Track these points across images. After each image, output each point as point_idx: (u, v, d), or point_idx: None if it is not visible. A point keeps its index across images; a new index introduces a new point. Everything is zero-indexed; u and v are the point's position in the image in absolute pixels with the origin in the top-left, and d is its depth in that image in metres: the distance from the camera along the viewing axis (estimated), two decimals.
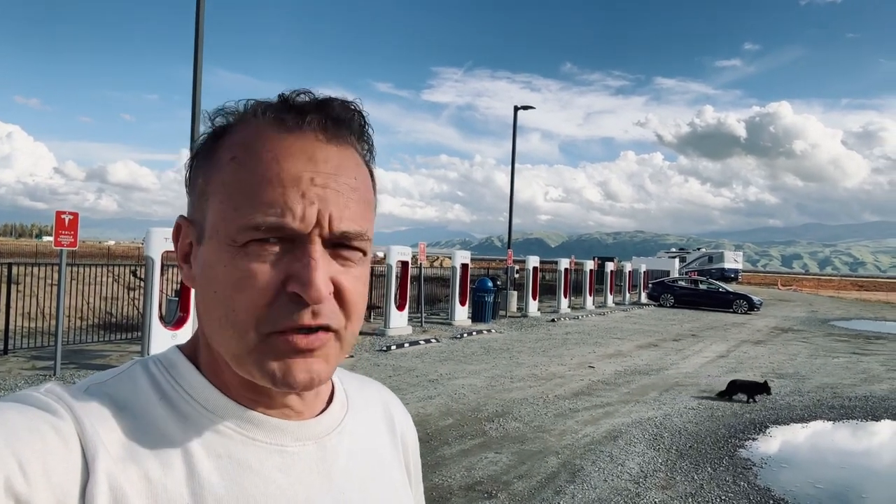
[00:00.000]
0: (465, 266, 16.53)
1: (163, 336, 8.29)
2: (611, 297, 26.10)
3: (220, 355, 0.61)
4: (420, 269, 15.94)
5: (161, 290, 8.82)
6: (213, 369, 0.63)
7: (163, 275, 8.91)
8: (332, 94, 0.62)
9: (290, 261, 0.56)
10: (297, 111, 0.60)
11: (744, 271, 72.65)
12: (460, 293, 16.19)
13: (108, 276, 12.17)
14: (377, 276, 15.64)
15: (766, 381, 8.87)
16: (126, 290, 12.32)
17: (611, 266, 26.84)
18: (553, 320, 18.58)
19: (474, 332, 14.61)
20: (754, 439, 6.93)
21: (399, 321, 13.70)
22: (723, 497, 5.13)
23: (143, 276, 9.21)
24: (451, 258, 17.01)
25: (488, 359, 11.18)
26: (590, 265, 24.16)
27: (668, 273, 37.98)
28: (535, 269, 20.20)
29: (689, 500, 5.03)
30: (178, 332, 8.59)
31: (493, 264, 40.02)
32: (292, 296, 0.56)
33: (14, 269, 10.12)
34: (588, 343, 14.01)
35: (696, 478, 5.54)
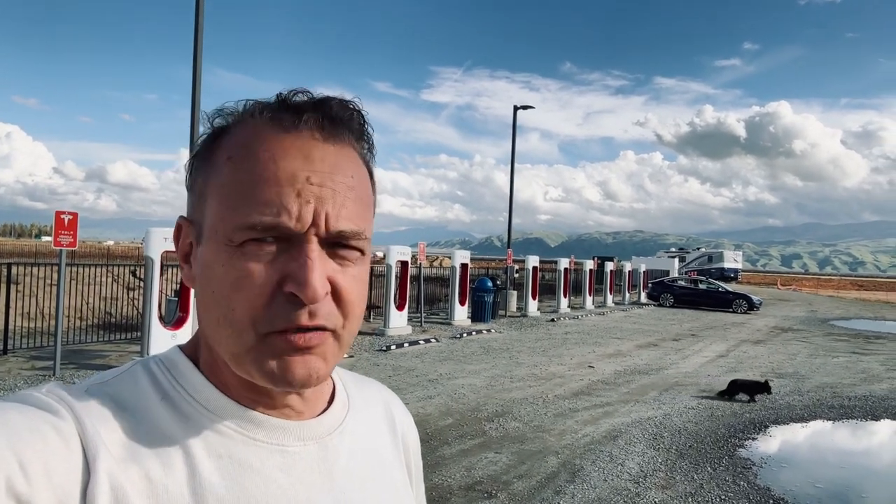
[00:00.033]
0: (464, 266, 16.54)
1: (162, 336, 8.30)
2: (610, 297, 26.12)
3: (220, 355, 0.61)
4: (420, 268, 15.95)
5: (160, 290, 8.83)
6: (213, 369, 0.63)
7: (162, 275, 8.91)
8: (331, 93, 0.62)
9: (286, 260, 0.56)
10: (294, 110, 0.60)
11: (743, 271, 72.67)
12: (460, 293, 16.20)
13: (107, 277, 12.16)
14: (377, 276, 15.65)
15: (766, 381, 8.88)
16: (125, 290, 12.32)
17: (610, 266, 26.88)
18: (553, 320, 18.58)
19: (474, 332, 14.61)
20: (754, 439, 6.94)
21: (399, 321, 13.70)
22: (722, 497, 5.13)
23: (142, 276, 9.21)
24: (450, 258, 17.01)
25: (488, 358, 11.18)
26: (589, 265, 24.17)
27: (667, 273, 37.95)
28: (534, 268, 20.20)
29: (689, 499, 5.03)
30: (178, 332, 8.59)
31: (492, 264, 40.00)
32: (289, 296, 0.56)
33: (13, 269, 10.13)
34: (588, 343, 14.01)
35: (695, 477, 5.54)
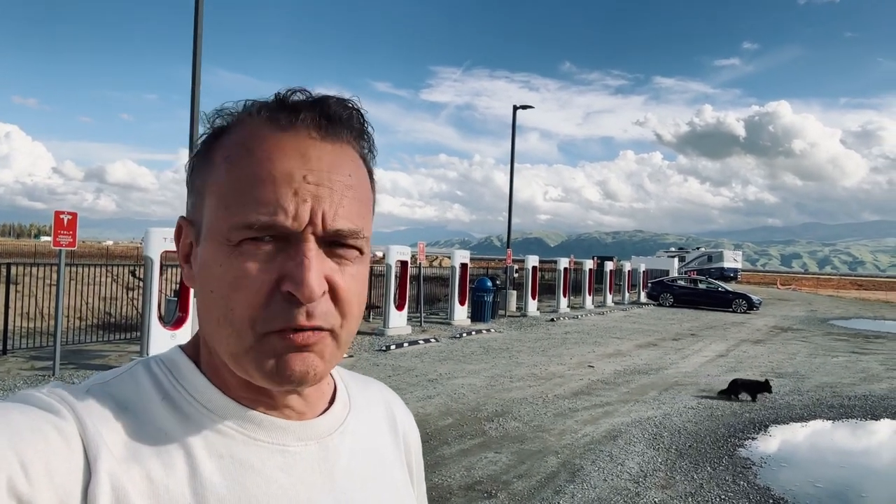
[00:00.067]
0: (464, 266, 16.53)
1: (162, 336, 8.30)
2: (610, 297, 26.12)
3: (220, 355, 0.61)
4: (419, 268, 15.95)
5: (160, 290, 8.82)
6: (214, 369, 0.63)
7: (162, 275, 8.91)
8: (331, 93, 0.62)
9: (283, 259, 0.56)
10: (292, 109, 0.60)
11: (743, 270, 72.73)
12: (459, 293, 16.20)
13: (106, 277, 12.16)
14: (376, 276, 15.64)
15: (767, 380, 8.89)
16: (125, 290, 12.32)
17: (610, 265, 26.88)
18: (552, 320, 18.58)
19: (473, 332, 14.61)
20: (754, 438, 6.94)
21: (398, 321, 13.70)
22: (722, 496, 5.13)
23: (141, 276, 9.21)
24: (450, 258, 17.01)
25: (488, 358, 11.18)
26: (589, 265, 24.17)
27: (667, 272, 37.95)
28: (534, 268, 20.20)
29: (689, 499, 5.03)
30: (178, 332, 8.59)
31: (492, 264, 39.98)
32: (287, 295, 0.56)
33: (13, 270, 10.11)
34: (587, 342, 14.01)
35: (695, 477, 5.54)
